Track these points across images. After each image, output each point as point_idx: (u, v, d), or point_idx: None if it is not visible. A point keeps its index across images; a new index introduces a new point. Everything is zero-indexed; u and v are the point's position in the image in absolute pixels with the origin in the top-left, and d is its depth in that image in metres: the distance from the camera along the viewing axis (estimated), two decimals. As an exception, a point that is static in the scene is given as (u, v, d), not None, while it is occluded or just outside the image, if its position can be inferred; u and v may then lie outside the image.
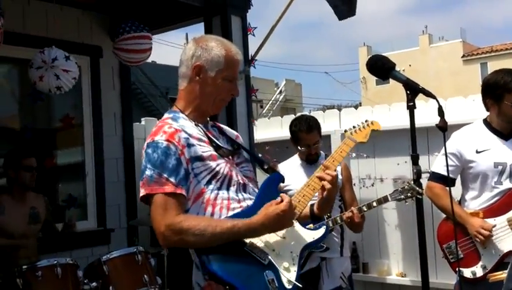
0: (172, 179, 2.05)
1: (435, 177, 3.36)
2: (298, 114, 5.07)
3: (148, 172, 2.07)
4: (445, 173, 3.21)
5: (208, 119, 2.36)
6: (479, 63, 31.20)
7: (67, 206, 5.11)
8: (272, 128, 5.53)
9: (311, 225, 2.33)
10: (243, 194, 2.22)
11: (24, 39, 4.62)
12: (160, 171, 2.05)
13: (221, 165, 2.17)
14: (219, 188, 2.15)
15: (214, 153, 2.18)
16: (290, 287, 2.07)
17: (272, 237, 2.14)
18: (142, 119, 6.47)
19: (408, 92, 2.03)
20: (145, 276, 3.67)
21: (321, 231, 2.27)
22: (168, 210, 2.02)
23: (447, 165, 2.83)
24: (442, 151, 3.51)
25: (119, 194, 5.36)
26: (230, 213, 2.12)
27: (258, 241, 2.09)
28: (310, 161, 4.01)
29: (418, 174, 2.03)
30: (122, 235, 5.24)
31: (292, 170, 3.93)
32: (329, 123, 5.05)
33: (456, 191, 3.48)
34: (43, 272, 3.34)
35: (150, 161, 2.08)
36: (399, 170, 4.65)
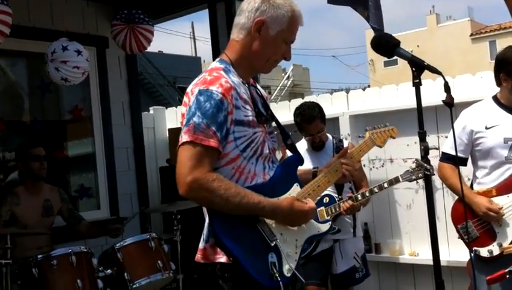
0: (218, 134, 2.00)
1: (445, 157, 3.35)
2: (301, 101, 5.05)
3: (196, 119, 2.00)
4: (455, 153, 3.20)
5: None
6: (487, 41, 30.86)
7: (79, 196, 5.17)
8: (279, 113, 5.51)
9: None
10: (269, 164, 2.21)
11: (30, 32, 4.63)
12: (210, 122, 1.99)
13: (258, 134, 2.14)
14: (251, 157, 2.12)
15: (255, 119, 2.14)
16: (289, 275, 2.06)
17: None
18: (151, 108, 6.50)
19: (413, 69, 2.02)
20: (159, 262, 3.72)
21: (326, 226, 2.28)
22: (201, 163, 1.97)
23: (455, 144, 2.81)
24: (451, 130, 3.51)
25: (131, 183, 5.40)
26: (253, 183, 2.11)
27: (270, 221, 2.09)
28: (316, 148, 4.03)
29: (425, 150, 2.03)
30: (135, 223, 5.28)
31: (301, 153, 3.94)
32: (336, 105, 5.03)
33: (469, 171, 3.47)
34: (58, 261, 3.39)
35: (201, 108, 2.01)
36: (409, 150, 4.62)
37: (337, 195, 3.87)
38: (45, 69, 4.27)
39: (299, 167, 2.36)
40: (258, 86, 2.38)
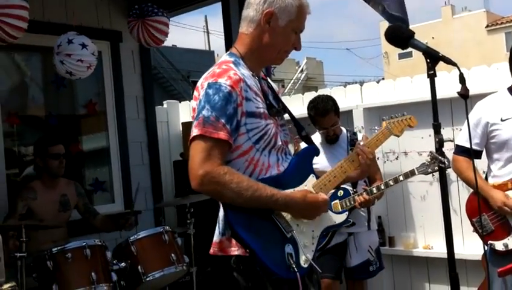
0: (228, 127, 2.00)
1: (459, 150, 3.32)
2: (321, 92, 5.03)
3: (205, 112, 2.00)
4: (469, 146, 3.17)
5: None
6: (503, 32, 30.53)
7: (94, 190, 5.20)
8: (292, 106, 5.50)
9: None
10: (283, 156, 2.20)
11: (44, 27, 4.66)
12: (219, 115, 1.99)
13: (270, 126, 2.13)
14: (264, 149, 2.12)
15: (266, 111, 2.14)
16: (306, 266, 2.07)
17: None
18: (164, 102, 6.51)
19: (428, 60, 2.00)
20: (173, 255, 3.73)
21: (343, 217, 2.29)
22: (212, 156, 1.98)
23: (470, 136, 2.78)
24: (465, 122, 3.47)
25: (145, 176, 5.42)
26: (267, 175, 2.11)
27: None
28: (330, 141, 4.01)
29: (440, 143, 2.01)
30: (149, 217, 5.31)
31: None
32: (350, 98, 5.01)
33: (483, 164, 3.44)
34: (73, 254, 3.41)
35: (210, 102, 2.01)
36: (423, 143, 4.59)
37: (351, 188, 3.86)
38: (52, 62, 4.29)
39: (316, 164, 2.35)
40: (269, 80, 2.37)
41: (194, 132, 2.02)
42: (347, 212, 2.25)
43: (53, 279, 3.34)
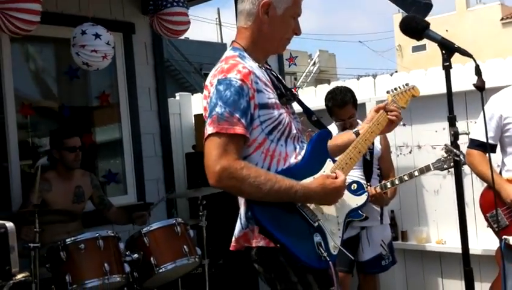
0: (243, 121, 1.99)
1: (474, 144, 3.29)
2: (333, 85, 5.00)
3: (218, 109, 1.99)
4: (484, 140, 3.13)
5: None
6: (519, 25, 30.17)
7: (107, 181, 5.22)
8: (304, 98, 5.48)
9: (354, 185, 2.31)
10: (299, 144, 2.20)
11: (58, 18, 4.66)
12: (232, 110, 1.98)
13: (283, 115, 2.13)
14: (279, 139, 2.11)
15: (277, 101, 2.13)
16: (335, 252, 2.08)
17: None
18: (177, 94, 6.52)
19: (443, 51, 1.98)
20: (185, 247, 3.73)
21: (363, 198, 2.26)
22: (228, 152, 1.97)
23: (486, 129, 2.75)
24: (481, 116, 3.43)
25: (157, 168, 5.43)
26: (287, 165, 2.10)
27: None
28: None
29: (455, 135, 1.99)
30: (161, 208, 5.32)
31: None
32: (363, 91, 4.98)
33: (497, 157, 3.40)
34: (86, 245, 3.42)
35: (222, 98, 2.00)
36: (437, 136, 4.56)
37: (365, 181, 3.84)
38: (71, 54, 4.30)
39: (340, 135, 2.36)
40: (272, 68, 2.37)
41: (209, 130, 2.01)
42: (367, 193, 2.21)
43: (66, 269, 3.36)
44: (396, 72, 5.03)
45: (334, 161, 2.23)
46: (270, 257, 2.07)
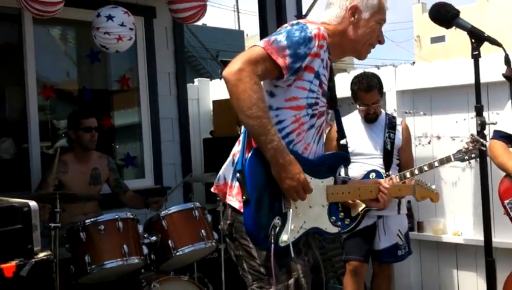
0: (289, 60, 2.02)
1: (498, 135, 3.26)
2: (345, 75, 4.98)
3: (279, 37, 2.05)
4: (510, 132, 3.10)
5: None
6: (540, 18, 29.70)
7: (125, 165, 5.26)
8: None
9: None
10: (316, 138, 2.22)
11: (80, 1, 4.68)
12: (289, 46, 2.03)
13: (322, 104, 2.18)
14: (311, 118, 2.16)
15: (326, 87, 2.19)
16: (282, 245, 2.04)
17: (315, 199, 2.14)
18: (195, 80, 6.53)
19: (473, 40, 1.96)
20: (202, 231, 3.76)
21: (334, 230, 2.24)
22: (257, 65, 1.99)
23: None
24: (507, 107, 3.40)
25: (175, 153, 5.46)
26: (297, 145, 2.13)
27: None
28: (369, 120, 3.96)
29: (482, 125, 1.98)
30: (179, 192, 5.35)
31: (352, 127, 3.90)
32: (384, 81, 4.91)
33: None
34: (106, 226, 3.46)
35: (289, 33, 2.07)
36: (457, 127, 4.52)
37: (384, 171, 3.83)
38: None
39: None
40: None
41: (259, 43, 2.06)
42: (341, 229, 2.20)
43: (85, 250, 3.40)
44: (413, 63, 4.98)
45: (335, 183, 2.25)
46: (241, 234, 2.13)
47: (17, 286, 2.25)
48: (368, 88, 3.85)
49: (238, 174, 2.03)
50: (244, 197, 1.99)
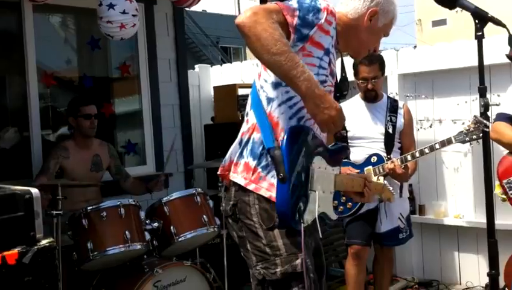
0: (297, 21, 2.01)
1: (502, 117, 3.25)
2: (346, 59, 4.95)
3: (291, 1, 2.06)
4: None
5: None
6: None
7: (126, 152, 5.26)
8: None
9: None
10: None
11: (80, -13, 4.66)
12: (299, 9, 2.02)
13: (330, 83, 2.18)
14: None
15: (333, 65, 2.19)
16: (304, 224, 2.02)
17: (326, 186, 2.16)
18: (196, 66, 6.50)
19: (476, 21, 1.94)
20: (204, 216, 3.76)
21: (335, 217, 2.27)
22: (273, 14, 1.96)
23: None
24: (510, 89, 3.39)
25: (176, 139, 5.44)
26: (308, 122, 2.12)
27: (321, 173, 2.10)
28: (368, 99, 3.95)
29: (485, 106, 1.96)
30: (180, 179, 5.36)
31: (353, 111, 3.89)
32: (386, 64, 4.91)
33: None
34: (108, 213, 3.46)
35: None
36: (459, 110, 4.52)
37: (385, 154, 3.82)
38: None
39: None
40: None
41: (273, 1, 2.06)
42: (346, 214, 2.25)
43: (88, 237, 3.40)
44: (415, 47, 4.95)
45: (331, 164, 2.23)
46: (247, 204, 2.12)
47: (19, 273, 2.26)
48: (370, 61, 3.83)
49: (271, 152, 1.99)
50: (281, 175, 1.94)
